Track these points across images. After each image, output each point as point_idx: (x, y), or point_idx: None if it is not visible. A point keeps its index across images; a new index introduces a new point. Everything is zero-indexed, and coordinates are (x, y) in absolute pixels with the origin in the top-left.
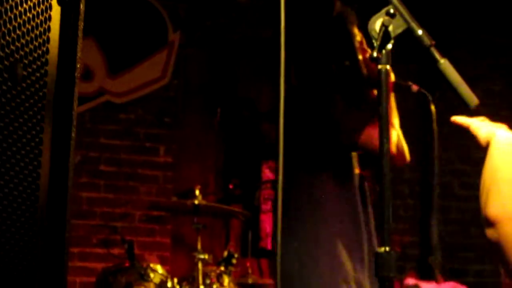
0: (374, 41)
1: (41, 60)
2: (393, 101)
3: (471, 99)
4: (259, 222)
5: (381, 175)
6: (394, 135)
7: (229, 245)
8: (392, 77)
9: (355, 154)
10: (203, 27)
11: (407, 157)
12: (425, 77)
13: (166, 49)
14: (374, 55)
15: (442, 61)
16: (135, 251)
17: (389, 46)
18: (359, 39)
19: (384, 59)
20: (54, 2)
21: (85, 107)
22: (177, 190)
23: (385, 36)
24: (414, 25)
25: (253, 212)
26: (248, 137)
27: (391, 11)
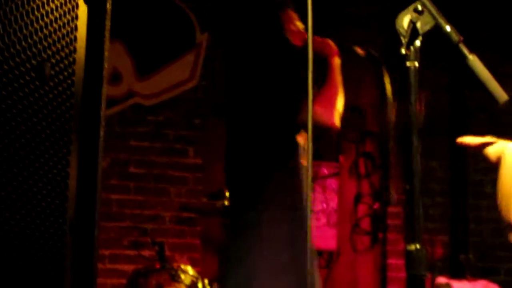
0: (402, 38)
1: (69, 59)
2: (338, 67)
3: (501, 95)
4: None
5: (411, 173)
6: (341, 105)
7: None
8: (332, 44)
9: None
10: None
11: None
12: (454, 75)
13: (194, 50)
14: (402, 52)
15: (471, 57)
16: (166, 252)
17: (418, 43)
18: (294, 21)
19: (412, 56)
20: (80, 1)
21: (114, 110)
22: (206, 191)
23: (413, 33)
24: (442, 21)
25: None
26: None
27: (419, 7)
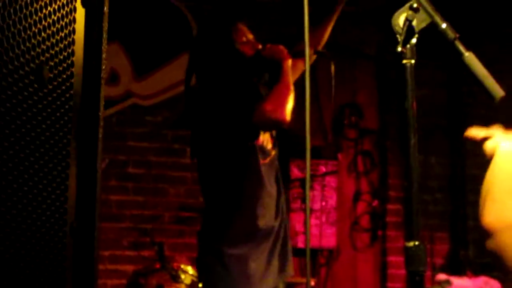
0: (398, 36)
1: (67, 62)
2: (289, 69)
3: (497, 91)
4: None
5: (409, 170)
6: (291, 102)
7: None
8: (283, 49)
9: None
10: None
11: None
12: (452, 72)
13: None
14: (398, 50)
15: (467, 54)
16: (165, 252)
17: (414, 40)
18: (245, 34)
19: (408, 54)
20: (78, 4)
21: (112, 110)
22: None
23: (409, 30)
24: (438, 18)
25: None
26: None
27: (415, 5)
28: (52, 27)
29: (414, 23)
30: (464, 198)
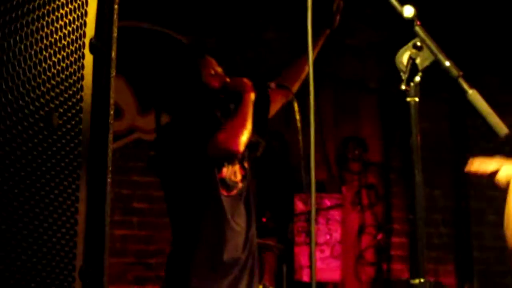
0: (402, 74)
1: (76, 108)
2: (251, 102)
3: (501, 128)
4: (293, 254)
5: (413, 207)
6: (247, 134)
7: (264, 278)
8: (247, 81)
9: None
10: (231, 62)
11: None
12: (455, 105)
13: None
14: (402, 88)
15: (470, 91)
16: None
17: (417, 78)
18: (213, 66)
19: (412, 92)
20: (86, 51)
21: (116, 145)
22: None
23: (413, 68)
24: (441, 57)
25: (287, 245)
26: (279, 169)
27: (418, 43)
28: (61, 74)
29: (417, 61)
30: (468, 230)
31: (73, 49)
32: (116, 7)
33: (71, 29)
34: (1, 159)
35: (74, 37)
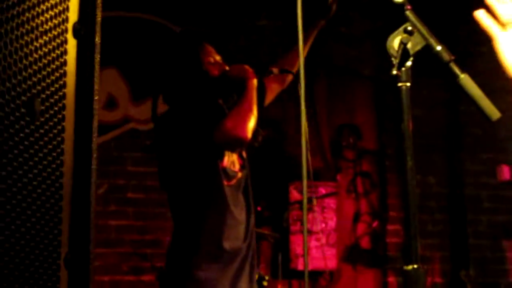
0: (393, 59)
1: (59, 94)
2: (254, 88)
3: (493, 112)
4: (288, 243)
5: (405, 194)
6: (253, 120)
7: (259, 267)
8: (248, 68)
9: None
10: (224, 50)
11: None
12: (449, 91)
13: None
14: (393, 72)
15: (462, 76)
16: None
17: (409, 63)
18: (212, 54)
19: (404, 77)
20: (69, 35)
21: (110, 135)
22: None
23: (404, 53)
24: (433, 41)
25: (282, 233)
26: (274, 158)
27: (409, 28)
28: (43, 59)
29: (409, 46)
30: (464, 217)
31: (55, 34)
32: None
33: (53, 14)
34: None
35: (56, 22)
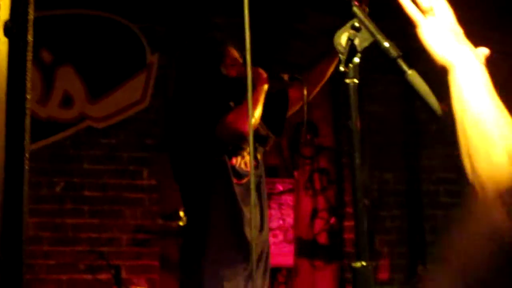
0: (340, 56)
1: None
2: (263, 92)
3: (437, 108)
4: None
5: (354, 191)
6: (257, 117)
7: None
8: (262, 72)
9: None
10: (181, 48)
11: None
12: (405, 87)
13: (145, 71)
14: (341, 69)
15: (409, 72)
16: (124, 275)
17: (356, 60)
18: (232, 56)
19: (351, 73)
20: (0, 34)
21: (66, 133)
22: (162, 212)
23: (352, 50)
24: (380, 37)
25: None
26: None
27: (356, 24)
28: None
29: (356, 42)
30: (421, 213)
31: None
32: None
33: None
34: None
35: None
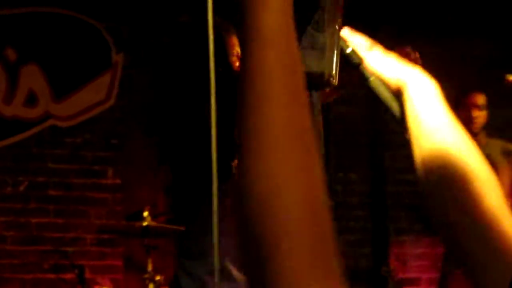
0: None
1: None
2: None
3: (398, 112)
4: None
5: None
6: None
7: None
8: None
9: None
10: (146, 47)
11: None
12: (370, 88)
13: (110, 71)
14: None
15: (372, 78)
16: (87, 275)
17: None
18: (237, 47)
19: None
20: None
21: (30, 132)
22: (127, 212)
23: None
24: (343, 44)
25: None
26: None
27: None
28: None
29: None
30: (385, 213)
31: None
32: None
33: None
34: None
35: None
